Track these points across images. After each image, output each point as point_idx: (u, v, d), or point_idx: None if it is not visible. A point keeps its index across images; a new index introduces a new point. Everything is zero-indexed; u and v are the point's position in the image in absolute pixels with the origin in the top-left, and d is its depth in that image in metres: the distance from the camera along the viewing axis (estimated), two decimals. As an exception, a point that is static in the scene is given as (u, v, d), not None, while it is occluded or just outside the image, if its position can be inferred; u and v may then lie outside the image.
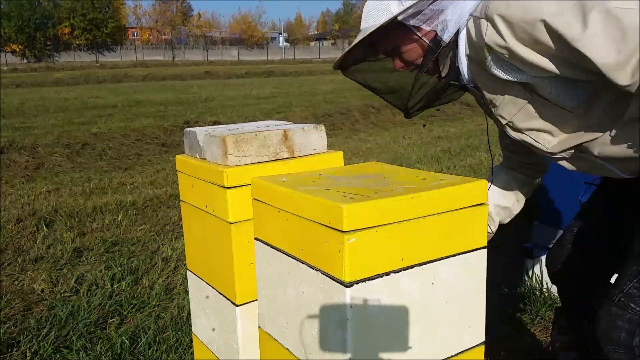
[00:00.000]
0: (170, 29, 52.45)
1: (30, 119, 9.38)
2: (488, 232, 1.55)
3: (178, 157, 1.55)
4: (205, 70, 25.11)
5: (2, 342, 2.16)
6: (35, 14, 41.79)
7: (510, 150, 1.57)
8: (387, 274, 1.04)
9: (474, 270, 1.17)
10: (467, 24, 1.23)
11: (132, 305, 2.48)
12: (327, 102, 11.43)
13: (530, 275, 2.57)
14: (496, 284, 2.62)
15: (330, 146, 1.50)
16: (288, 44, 58.88)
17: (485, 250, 1.19)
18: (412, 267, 1.07)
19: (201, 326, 1.61)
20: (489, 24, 1.14)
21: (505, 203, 1.58)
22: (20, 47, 41.56)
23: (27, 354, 2.08)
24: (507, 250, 2.85)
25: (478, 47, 1.20)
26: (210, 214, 1.39)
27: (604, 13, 0.99)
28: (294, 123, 1.57)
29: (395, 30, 1.27)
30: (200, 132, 1.45)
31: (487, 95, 1.29)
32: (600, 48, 1.00)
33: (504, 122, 1.29)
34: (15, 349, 2.13)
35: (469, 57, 1.26)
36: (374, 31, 1.27)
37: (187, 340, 2.14)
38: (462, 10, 1.23)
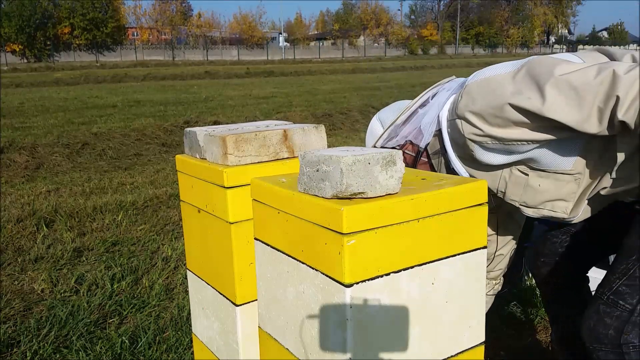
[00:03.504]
0: (170, 29, 52.42)
1: (30, 118, 9.39)
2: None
3: (178, 157, 1.55)
4: (205, 70, 25.11)
5: (2, 342, 2.16)
6: (35, 13, 41.77)
7: None
8: (387, 274, 1.04)
9: (474, 270, 1.18)
10: (446, 129, 1.34)
11: (132, 305, 2.48)
12: (327, 102, 11.44)
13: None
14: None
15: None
16: (288, 44, 58.88)
17: (485, 250, 1.19)
18: (412, 267, 1.07)
19: (201, 326, 1.61)
20: (463, 121, 1.25)
21: None
22: (20, 47, 41.52)
23: (27, 354, 2.09)
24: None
25: (462, 144, 1.30)
26: (210, 214, 1.39)
27: (554, 83, 1.13)
28: (294, 123, 1.57)
29: None
30: (200, 132, 1.44)
31: (490, 185, 1.35)
32: (564, 110, 1.12)
33: (516, 204, 1.37)
34: (15, 349, 2.13)
35: (459, 157, 1.36)
36: None
37: (187, 340, 2.14)
38: (432, 119, 1.36)
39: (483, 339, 1.23)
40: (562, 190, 1.30)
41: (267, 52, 49.17)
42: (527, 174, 1.30)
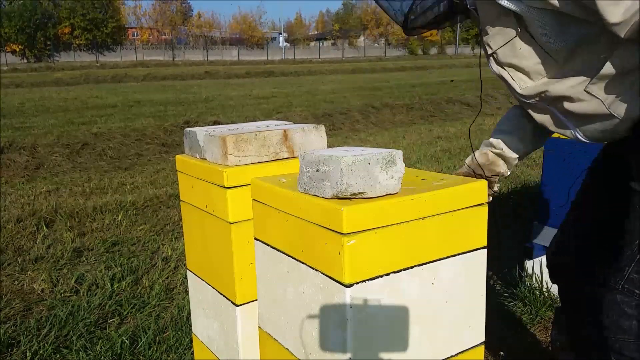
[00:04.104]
0: (170, 29, 52.44)
1: (30, 118, 9.39)
2: (500, 173, 1.51)
3: (178, 157, 1.55)
4: (205, 70, 25.11)
5: (2, 342, 2.16)
6: (35, 14, 41.78)
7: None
8: (387, 274, 1.04)
9: (474, 270, 1.18)
10: None
11: (132, 305, 2.48)
12: (327, 102, 11.44)
13: (530, 275, 2.58)
14: (496, 284, 2.63)
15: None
16: (288, 44, 58.90)
17: (485, 250, 1.19)
18: (412, 267, 1.07)
19: (201, 326, 1.61)
20: None
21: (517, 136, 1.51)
22: (20, 47, 41.55)
23: (27, 354, 2.09)
24: (507, 250, 2.85)
25: None
26: (210, 214, 1.39)
27: None
28: (294, 123, 1.57)
29: None
30: (201, 132, 1.45)
31: (482, 20, 1.29)
32: None
33: (489, 51, 1.31)
34: (15, 349, 2.13)
35: None
36: None
37: (187, 340, 2.14)
38: None
39: (483, 339, 1.23)
40: (534, 66, 1.26)
41: (267, 52, 49.17)
42: (517, 31, 1.24)
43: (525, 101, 1.34)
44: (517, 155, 1.51)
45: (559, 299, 1.74)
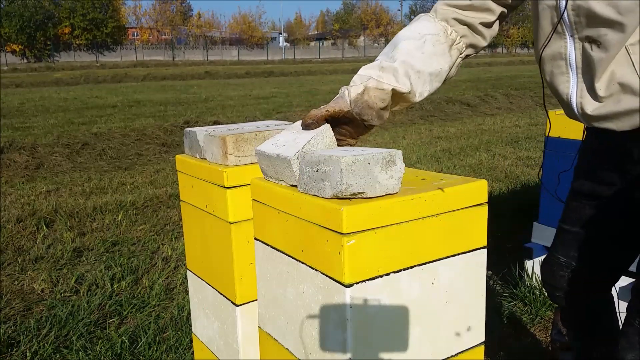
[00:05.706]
0: (170, 29, 52.46)
1: (30, 118, 9.39)
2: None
3: (178, 157, 1.55)
4: (205, 70, 25.12)
5: (2, 342, 2.16)
6: (36, 14, 41.79)
7: None
8: (387, 274, 1.04)
9: (474, 271, 1.17)
10: None
11: (132, 305, 2.48)
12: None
13: (530, 275, 2.58)
14: (496, 284, 2.63)
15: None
16: (288, 44, 58.92)
17: (485, 250, 1.19)
18: (412, 267, 1.07)
19: (201, 326, 1.61)
20: None
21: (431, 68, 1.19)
22: (20, 47, 41.57)
23: (27, 354, 2.09)
24: (507, 250, 2.85)
25: None
26: (210, 213, 1.39)
27: None
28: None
29: None
30: (200, 132, 1.45)
31: None
32: None
33: None
34: (15, 349, 2.13)
35: None
36: None
37: (187, 340, 2.14)
38: None
39: (483, 339, 1.23)
40: None
41: (267, 52, 49.17)
42: None
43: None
44: (418, 99, 1.20)
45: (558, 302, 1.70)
